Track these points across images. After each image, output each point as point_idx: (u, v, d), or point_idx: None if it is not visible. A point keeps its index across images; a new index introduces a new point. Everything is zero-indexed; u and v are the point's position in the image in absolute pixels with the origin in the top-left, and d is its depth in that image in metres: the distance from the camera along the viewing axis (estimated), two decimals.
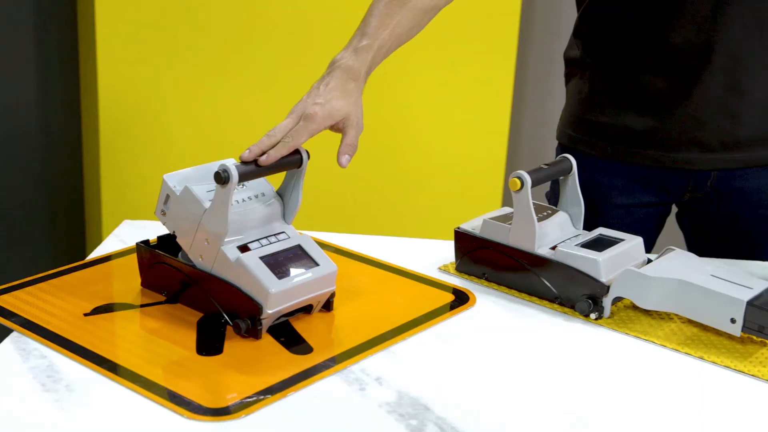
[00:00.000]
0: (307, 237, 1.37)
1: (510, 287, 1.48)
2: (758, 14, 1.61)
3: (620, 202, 1.76)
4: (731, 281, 1.34)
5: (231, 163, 1.30)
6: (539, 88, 3.29)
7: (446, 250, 1.61)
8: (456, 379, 1.23)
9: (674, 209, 1.84)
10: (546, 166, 1.48)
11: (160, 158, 2.85)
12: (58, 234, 2.98)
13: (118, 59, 2.75)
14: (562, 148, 1.82)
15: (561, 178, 1.52)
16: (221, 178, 1.28)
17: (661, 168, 1.71)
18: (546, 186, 1.74)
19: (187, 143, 2.85)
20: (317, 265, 1.34)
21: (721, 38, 1.61)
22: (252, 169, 1.32)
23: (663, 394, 1.22)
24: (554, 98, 2.43)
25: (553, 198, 1.76)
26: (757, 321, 1.29)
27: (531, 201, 1.42)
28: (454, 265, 1.54)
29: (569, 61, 1.83)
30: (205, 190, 1.34)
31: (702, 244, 1.84)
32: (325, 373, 1.23)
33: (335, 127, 1.39)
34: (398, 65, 2.84)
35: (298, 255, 1.34)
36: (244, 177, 1.31)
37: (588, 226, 1.60)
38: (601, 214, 1.77)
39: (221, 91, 2.84)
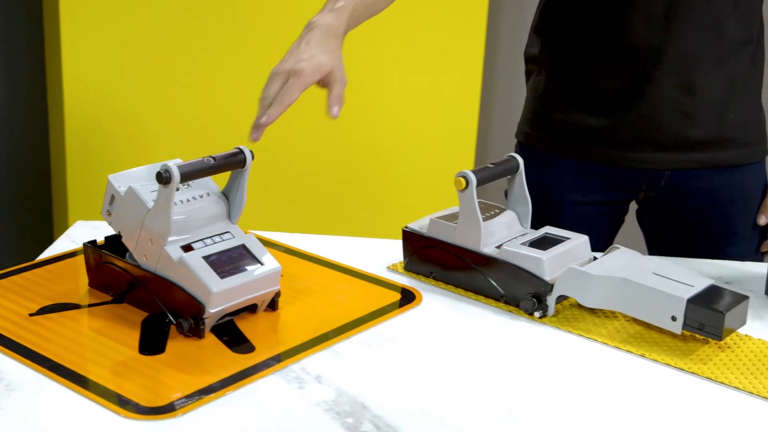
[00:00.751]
0: (251, 237, 1.38)
1: (457, 286, 1.48)
2: (711, 15, 1.62)
3: (575, 200, 1.77)
4: (673, 279, 1.35)
5: (173, 163, 1.30)
6: (507, 86, 3.30)
7: (398, 250, 1.61)
8: (396, 378, 1.24)
9: (634, 207, 1.85)
10: (492, 165, 1.48)
11: (127, 156, 2.85)
12: (25, 233, 2.97)
13: (83, 55, 2.75)
14: (520, 146, 1.83)
15: (508, 177, 1.52)
16: (163, 177, 1.28)
17: (615, 167, 1.72)
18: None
19: (155, 140, 2.85)
20: (261, 264, 1.34)
21: (673, 38, 1.62)
22: (195, 168, 1.32)
23: (603, 391, 1.23)
24: (522, 97, 2.44)
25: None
26: (698, 319, 1.30)
27: (476, 200, 1.43)
28: (403, 265, 1.55)
29: (529, 59, 1.84)
30: (149, 190, 1.34)
31: (660, 243, 1.85)
32: (266, 372, 1.23)
33: (321, 82, 1.42)
34: (364, 62, 2.86)
35: (242, 254, 1.35)
36: (187, 177, 1.31)
37: (543, 224, 1.61)
38: (556, 212, 1.78)
39: (188, 87, 2.84)
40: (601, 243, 1.81)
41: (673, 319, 1.31)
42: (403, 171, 3.01)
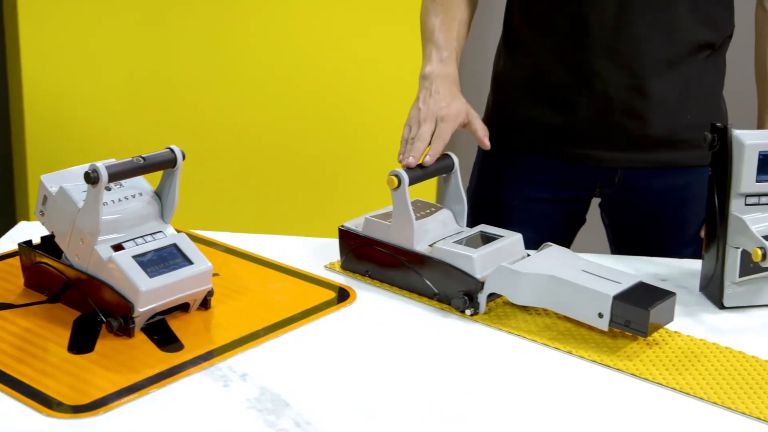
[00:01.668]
0: (183, 236, 1.38)
1: (391, 284, 1.49)
2: (666, 16, 1.62)
3: (532, 197, 1.78)
4: (601, 277, 1.36)
5: (102, 164, 1.30)
6: (475, 83, 3.30)
7: (337, 249, 1.62)
8: (322, 376, 1.24)
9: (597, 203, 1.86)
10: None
11: (88, 156, 2.85)
12: None
13: (43, 56, 2.75)
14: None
15: (444, 175, 1.53)
16: (90, 178, 1.29)
17: (570, 164, 1.73)
18: None
19: (115, 139, 2.87)
20: (191, 263, 1.35)
21: (626, 37, 1.62)
22: (124, 168, 1.33)
23: (529, 388, 1.24)
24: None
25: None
26: (623, 315, 1.31)
27: (408, 198, 1.44)
28: (340, 264, 1.56)
29: (496, 55, 1.84)
30: (80, 189, 1.35)
31: (620, 241, 1.87)
32: (192, 370, 1.24)
33: (461, 124, 1.60)
34: (317, 59, 2.88)
35: (172, 254, 1.35)
36: (116, 177, 1.32)
37: (501, 221, 1.63)
38: (513, 208, 1.79)
39: (148, 86, 2.85)
40: (561, 240, 1.81)
41: (600, 315, 1.32)
42: (351, 168, 3.02)
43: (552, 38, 1.67)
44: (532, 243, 1.53)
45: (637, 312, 1.29)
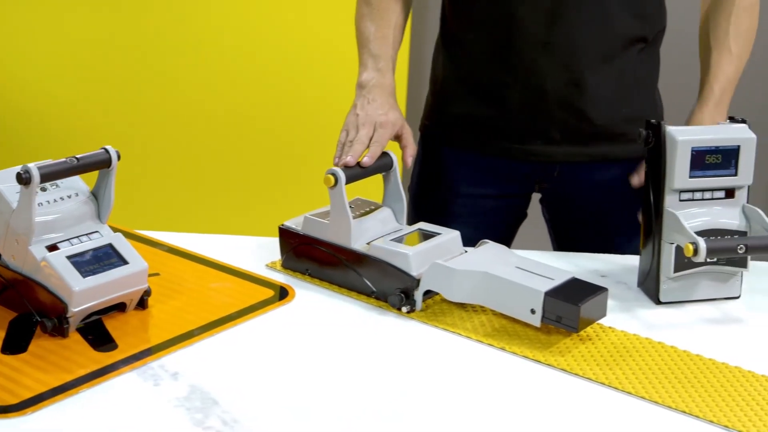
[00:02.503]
0: (119, 236, 1.39)
1: (331, 282, 1.50)
2: (599, 9, 1.63)
3: (472, 193, 1.79)
4: (534, 273, 1.37)
5: (34, 164, 1.30)
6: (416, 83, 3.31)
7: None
8: (256, 374, 1.25)
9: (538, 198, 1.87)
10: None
11: (46, 153, 2.86)
12: None
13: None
14: (421, 138, 1.84)
15: (384, 173, 1.54)
16: (22, 178, 1.29)
17: (509, 159, 1.74)
18: None
19: (68, 136, 2.88)
20: (126, 263, 1.35)
21: (560, 31, 1.64)
22: (57, 168, 1.33)
23: (463, 385, 1.25)
24: None
25: None
26: (555, 311, 1.32)
27: (345, 197, 1.44)
28: (281, 262, 1.56)
29: (434, 53, 1.85)
30: (14, 190, 1.35)
31: (561, 235, 1.88)
32: (123, 370, 1.24)
33: (397, 134, 1.63)
34: (262, 57, 2.89)
35: (108, 254, 1.35)
36: (48, 177, 1.32)
37: (442, 217, 1.64)
38: (453, 204, 1.80)
39: (104, 85, 2.86)
40: (502, 236, 1.83)
41: (532, 312, 1.33)
42: (298, 166, 3.03)
43: (487, 35, 1.68)
44: (474, 238, 1.53)
45: (568, 308, 1.30)
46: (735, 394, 1.23)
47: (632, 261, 1.61)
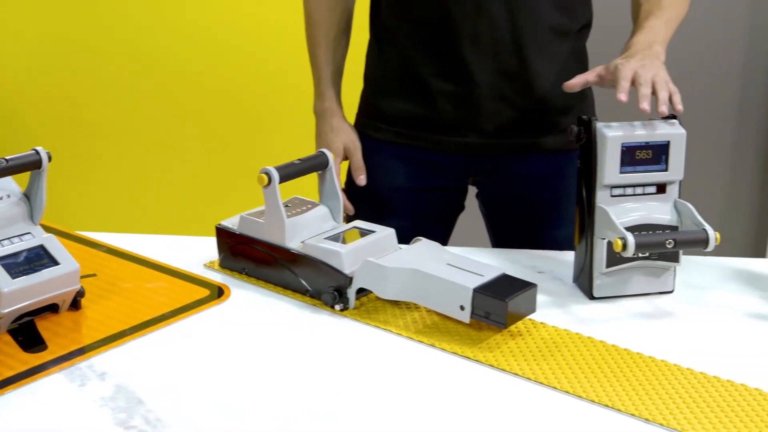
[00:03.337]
0: (51, 237, 1.39)
1: (267, 281, 1.50)
2: (522, 1, 1.65)
3: (408, 186, 1.80)
4: (465, 270, 1.38)
5: None
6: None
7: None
8: (185, 374, 1.25)
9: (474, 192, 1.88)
10: (299, 161, 1.50)
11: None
12: None
13: None
14: (358, 134, 1.85)
15: (319, 172, 1.54)
16: None
17: (441, 152, 1.75)
18: None
19: (15, 139, 2.89)
20: (57, 264, 1.35)
21: (487, 23, 1.65)
22: None
23: (393, 383, 1.26)
24: None
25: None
26: (483, 307, 1.33)
27: (279, 196, 1.45)
28: (219, 262, 1.57)
29: (367, 49, 1.86)
30: None
31: (498, 230, 1.89)
32: (51, 371, 1.24)
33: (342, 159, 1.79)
34: (217, 56, 2.90)
35: (39, 255, 1.36)
36: None
37: (379, 213, 1.64)
38: (389, 198, 1.80)
39: (46, 86, 2.88)
40: (440, 229, 1.84)
41: (462, 308, 1.34)
42: (239, 165, 3.04)
43: (416, 29, 1.70)
44: (412, 232, 1.54)
45: (496, 303, 1.31)
46: (659, 387, 1.24)
47: (569, 257, 1.62)
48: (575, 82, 1.56)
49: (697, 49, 3.03)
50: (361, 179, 1.77)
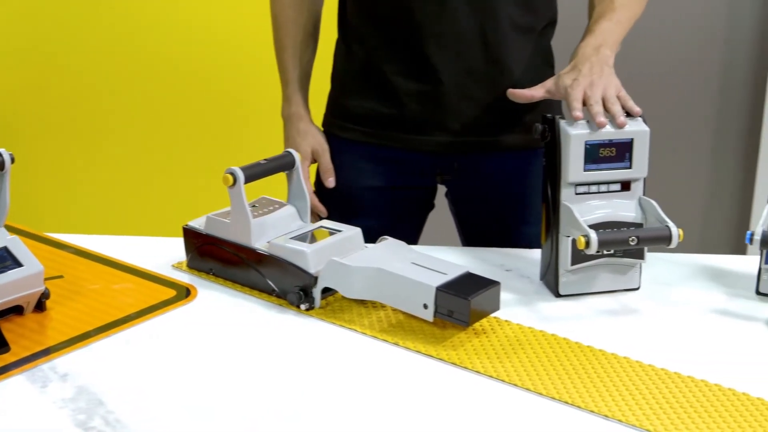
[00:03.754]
0: (15, 239, 1.39)
1: (234, 282, 1.50)
2: (483, 3, 1.65)
3: (373, 185, 1.80)
4: (429, 268, 1.38)
5: None
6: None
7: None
8: (149, 375, 1.26)
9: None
10: (265, 161, 1.51)
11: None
12: None
13: None
14: (325, 134, 1.85)
15: (287, 172, 1.54)
16: None
17: (408, 151, 1.75)
18: None
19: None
20: (21, 266, 1.36)
21: (450, 22, 1.65)
22: None
23: (357, 382, 1.26)
24: None
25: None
26: (447, 306, 1.33)
27: (244, 196, 1.45)
28: (187, 262, 1.57)
29: (335, 48, 1.86)
30: None
31: (467, 228, 1.89)
32: (12, 373, 1.24)
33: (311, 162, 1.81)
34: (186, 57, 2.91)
35: (2, 257, 1.36)
36: None
37: (348, 212, 1.65)
38: (357, 197, 1.81)
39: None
40: (410, 227, 1.85)
41: (425, 306, 1.34)
42: (214, 165, 3.04)
43: (381, 28, 1.71)
44: (381, 231, 1.54)
45: (459, 302, 1.32)
46: (619, 384, 1.24)
47: (538, 255, 1.62)
48: (521, 94, 1.60)
49: (676, 49, 3.04)
50: (330, 181, 1.79)
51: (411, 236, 1.84)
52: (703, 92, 3.11)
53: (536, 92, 1.58)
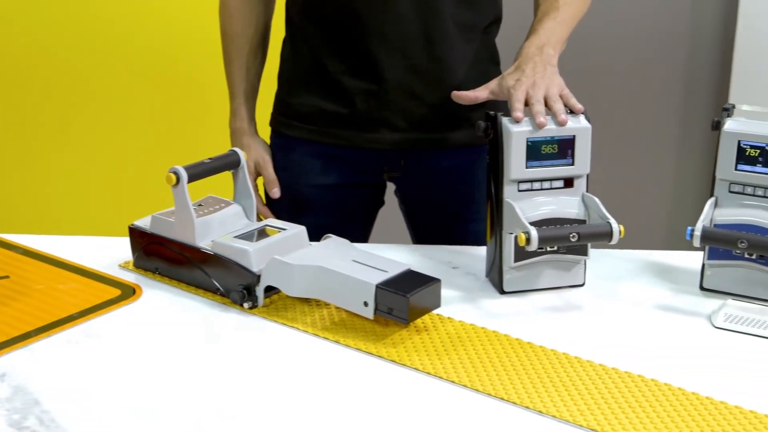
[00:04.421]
0: None
1: (179, 281, 1.50)
2: (426, 1, 1.66)
3: (323, 183, 1.80)
4: (370, 266, 1.38)
5: None
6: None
7: None
8: (87, 374, 1.26)
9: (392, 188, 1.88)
10: (209, 160, 1.51)
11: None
12: None
13: None
14: (272, 133, 1.85)
15: (232, 171, 1.55)
16: None
17: (354, 148, 1.76)
18: None
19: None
20: None
21: (393, 19, 1.66)
22: None
23: (297, 378, 1.26)
24: None
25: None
26: (386, 303, 1.33)
27: (188, 195, 1.45)
28: (133, 262, 1.57)
29: (282, 47, 1.86)
30: None
31: (416, 225, 1.90)
32: None
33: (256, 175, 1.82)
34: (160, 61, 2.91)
35: None
36: None
37: (296, 210, 1.65)
38: (305, 195, 1.81)
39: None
40: (359, 224, 1.85)
41: (365, 304, 1.35)
42: (165, 164, 3.04)
43: (325, 26, 1.71)
44: (330, 228, 1.54)
45: (398, 299, 1.32)
46: (556, 380, 1.25)
47: (484, 252, 1.63)
48: (465, 96, 1.61)
49: (639, 45, 3.05)
50: (275, 192, 1.80)
51: (361, 234, 1.84)
52: (666, 90, 3.12)
53: (480, 93, 1.58)
